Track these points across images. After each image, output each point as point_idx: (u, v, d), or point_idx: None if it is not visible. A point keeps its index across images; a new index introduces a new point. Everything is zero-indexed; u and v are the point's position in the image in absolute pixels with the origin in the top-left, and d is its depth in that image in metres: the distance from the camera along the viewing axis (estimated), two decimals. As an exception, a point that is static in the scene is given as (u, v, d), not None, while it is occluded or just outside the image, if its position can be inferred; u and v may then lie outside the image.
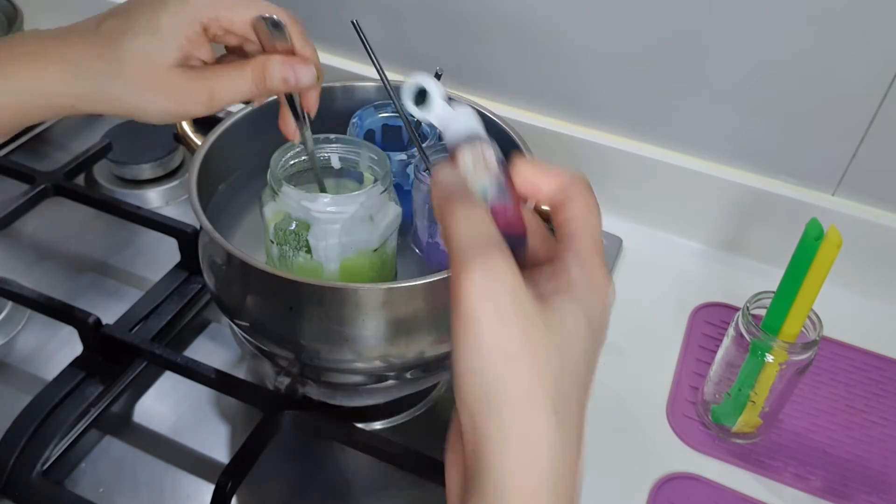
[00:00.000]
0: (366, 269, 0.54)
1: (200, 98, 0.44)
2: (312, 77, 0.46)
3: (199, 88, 0.44)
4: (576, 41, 0.75)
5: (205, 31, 0.44)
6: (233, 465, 0.54)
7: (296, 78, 0.46)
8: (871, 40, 0.65)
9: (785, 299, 0.56)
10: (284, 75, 0.45)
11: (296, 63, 0.46)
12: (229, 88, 0.45)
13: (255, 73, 0.45)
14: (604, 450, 0.63)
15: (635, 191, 0.81)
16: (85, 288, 0.73)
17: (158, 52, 0.43)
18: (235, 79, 0.45)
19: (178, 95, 0.44)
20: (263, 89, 0.46)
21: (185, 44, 0.44)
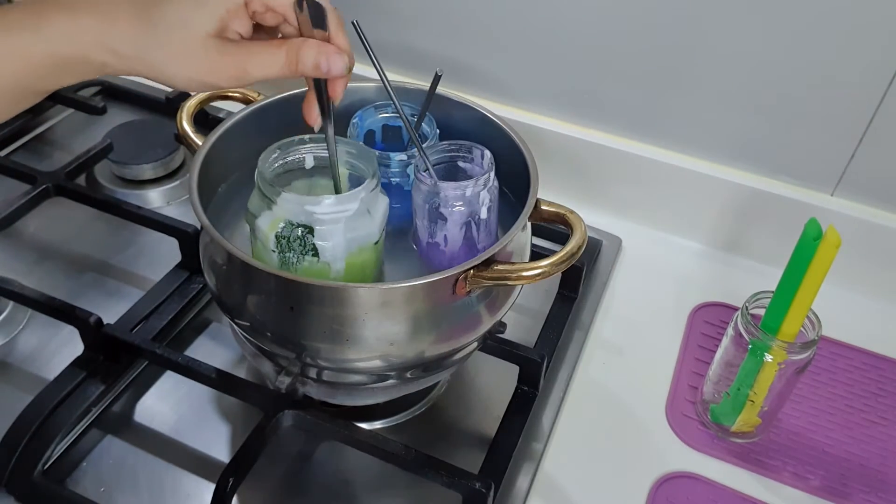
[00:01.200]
0: (369, 263, 0.55)
1: (232, 72, 0.45)
2: (344, 66, 0.47)
3: (232, 62, 0.45)
4: (576, 42, 0.75)
5: (246, 5, 0.45)
6: (233, 465, 0.54)
7: (328, 65, 0.46)
8: (869, 41, 0.65)
9: (784, 299, 0.56)
10: (317, 61, 0.46)
11: (330, 51, 0.46)
12: (262, 66, 0.45)
13: (289, 54, 0.45)
14: (603, 449, 0.63)
15: (635, 191, 0.82)
16: (86, 288, 0.73)
17: (198, 19, 0.43)
18: (269, 57, 0.45)
19: (210, 66, 0.44)
20: (295, 71, 0.46)
21: (225, 15, 0.44)
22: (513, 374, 0.65)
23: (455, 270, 0.50)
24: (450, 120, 0.63)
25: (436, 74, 0.58)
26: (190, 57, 0.44)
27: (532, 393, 0.64)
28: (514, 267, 0.51)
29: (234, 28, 0.45)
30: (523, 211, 0.54)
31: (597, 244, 0.79)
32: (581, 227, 0.53)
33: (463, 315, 0.53)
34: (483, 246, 0.57)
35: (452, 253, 0.57)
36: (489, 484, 0.55)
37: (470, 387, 0.67)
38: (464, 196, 0.54)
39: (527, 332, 0.70)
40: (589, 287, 0.76)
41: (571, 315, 0.72)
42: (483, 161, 0.58)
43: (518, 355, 0.64)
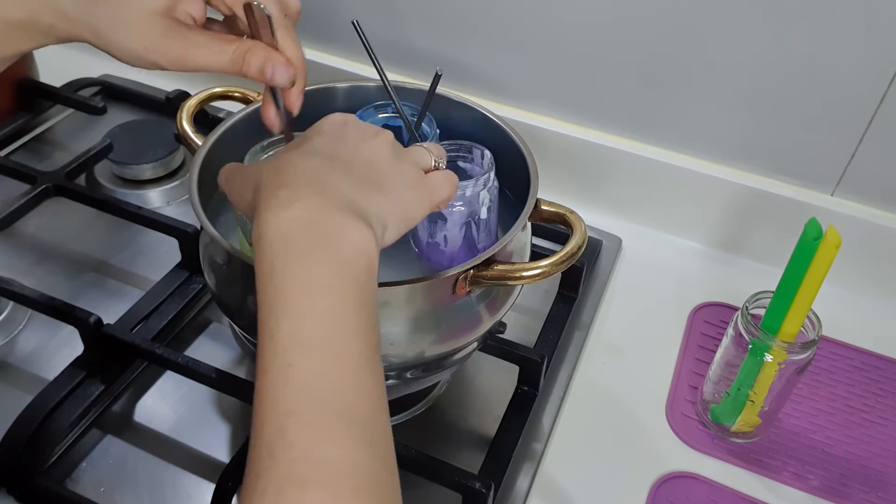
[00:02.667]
0: None
1: (175, 53, 0.44)
2: (288, 79, 0.46)
3: (176, 44, 0.44)
4: (576, 42, 0.75)
5: None
6: (234, 465, 0.55)
7: (272, 73, 0.45)
8: (870, 41, 0.65)
9: (784, 299, 0.56)
10: (263, 66, 0.45)
11: (278, 60, 0.45)
12: (206, 57, 0.44)
13: (237, 52, 0.45)
14: (603, 449, 0.63)
15: (635, 191, 0.82)
16: (86, 288, 0.73)
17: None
18: (216, 49, 0.44)
19: (154, 42, 0.44)
20: (239, 70, 0.45)
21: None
22: (513, 374, 0.65)
23: (455, 270, 0.50)
24: (450, 120, 0.63)
25: (436, 74, 0.58)
26: (135, 30, 0.43)
27: (532, 393, 0.64)
28: (514, 267, 0.51)
29: (184, 8, 0.45)
30: (523, 211, 0.54)
31: (597, 244, 0.79)
32: (581, 227, 0.53)
33: (463, 315, 0.53)
34: (483, 246, 0.57)
35: (452, 253, 0.57)
36: (489, 484, 0.55)
37: (470, 387, 0.67)
38: (464, 196, 0.54)
39: (527, 332, 0.70)
40: (589, 287, 0.76)
41: (571, 315, 0.72)
42: (483, 161, 0.58)
43: (518, 355, 0.64)
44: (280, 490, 0.32)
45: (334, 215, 0.38)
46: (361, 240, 0.39)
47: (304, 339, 0.36)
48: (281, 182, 0.39)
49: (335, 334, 0.36)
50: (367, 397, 0.36)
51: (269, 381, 0.35)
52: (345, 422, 0.34)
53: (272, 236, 0.38)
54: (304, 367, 0.35)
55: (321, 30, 0.87)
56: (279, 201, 0.38)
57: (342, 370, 0.36)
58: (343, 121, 0.46)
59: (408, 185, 0.43)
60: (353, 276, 0.38)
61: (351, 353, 0.36)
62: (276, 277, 0.37)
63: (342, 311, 0.37)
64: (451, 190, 0.46)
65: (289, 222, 0.38)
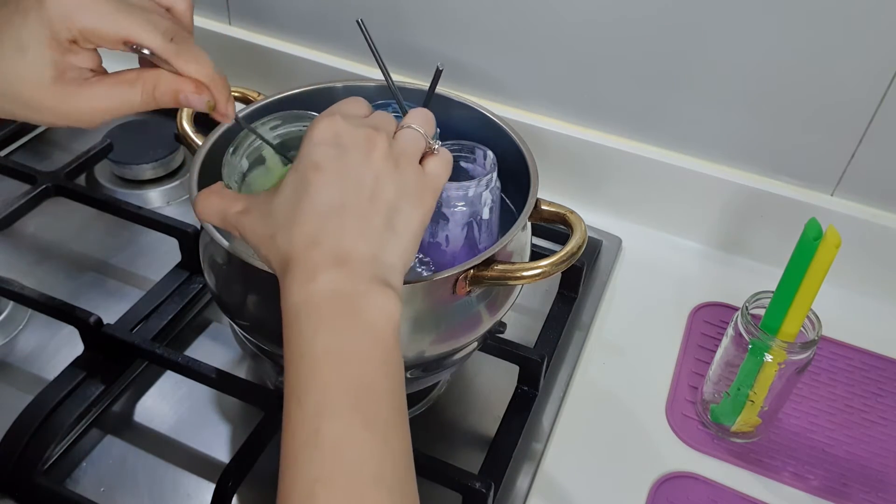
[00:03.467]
0: None
1: (85, 116, 0.42)
2: (204, 104, 0.44)
3: (82, 107, 0.42)
4: (576, 42, 0.75)
5: (75, 42, 0.41)
6: (234, 465, 0.55)
7: (187, 102, 0.43)
8: (870, 41, 0.65)
9: (784, 299, 0.56)
10: (176, 96, 0.43)
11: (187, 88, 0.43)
12: (117, 104, 0.43)
13: (144, 89, 0.42)
14: (603, 449, 0.63)
15: (635, 191, 0.82)
16: (86, 288, 0.73)
17: (30, 72, 0.41)
18: (123, 94, 0.42)
19: (60, 112, 0.42)
20: (155, 105, 0.43)
21: (56, 57, 0.41)
22: (513, 374, 0.65)
23: (455, 270, 0.50)
24: (450, 120, 0.63)
25: (437, 69, 0.57)
26: (40, 108, 0.42)
27: (532, 393, 0.64)
28: (514, 267, 0.51)
29: (77, 65, 0.42)
30: (523, 211, 0.54)
31: (597, 244, 0.79)
32: (581, 227, 0.53)
33: (463, 315, 0.53)
34: (484, 246, 0.57)
35: (454, 253, 0.57)
36: (489, 484, 0.55)
37: (470, 387, 0.67)
38: (466, 196, 0.54)
39: (527, 332, 0.70)
40: (589, 287, 0.76)
41: (571, 315, 0.72)
42: (485, 161, 0.58)
43: (518, 355, 0.64)
44: None
45: (359, 285, 0.39)
46: (386, 305, 0.39)
47: (333, 406, 0.36)
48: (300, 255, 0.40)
49: (363, 400, 0.37)
50: (396, 462, 0.36)
51: (296, 447, 0.36)
52: (374, 487, 0.35)
53: (299, 307, 0.39)
54: (332, 433, 0.35)
55: (320, 29, 0.87)
56: (304, 276, 0.39)
57: (370, 435, 0.36)
58: (334, 138, 0.43)
59: (414, 197, 0.43)
60: (380, 341, 0.39)
61: (378, 417, 0.37)
62: (304, 346, 0.38)
63: (370, 377, 0.38)
64: (448, 172, 0.46)
65: (314, 295, 0.39)
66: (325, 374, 0.37)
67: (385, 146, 0.43)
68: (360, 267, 0.40)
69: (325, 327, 0.38)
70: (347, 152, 0.42)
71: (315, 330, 0.38)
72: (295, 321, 0.39)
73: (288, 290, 0.39)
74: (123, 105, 0.43)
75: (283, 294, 0.40)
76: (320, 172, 0.42)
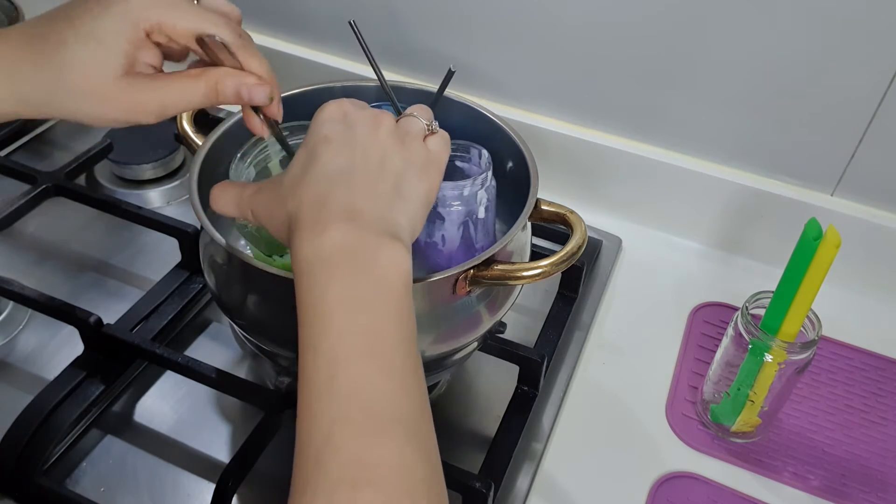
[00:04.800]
0: None
1: (150, 108, 0.43)
2: (266, 96, 0.45)
3: (148, 99, 0.43)
4: (576, 42, 0.75)
5: (148, 36, 0.43)
6: (234, 465, 0.55)
7: (249, 95, 0.45)
8: (870, 40, 0.65)
9: (784, 299, 0.56)
10: (238, 90, 0.45)
11: (250, 81, 0.45)
12: (180, 100, 0.44)
13: (208, 84, 0.44)
14: (603, 449, 0.63)
15: (635, 191, 0.82)
16: (86, 288, 0.73)
17: (103, 61, 0.42)
18: (187, 89, 0.44)
19: (126, 106, 0.43)
20: (216, 101, 0.45)
21: (129, 50, 0.42)
22: (513, 374, 0.65)
23: (455, 270, 0.50)
24: (449, 119, 0.63)
25: (449, 71, 0.57)
26: (103, 100, 0.43)
27: (532, 393, 0.64)
28: (514, 267, 0.51)
29: (144, 60, 0.44)
30: (523, 211, 0.54)
31: (597, 244, 0.79)
32: (581, 227, 0.53)
33: (463, 315, 0.53)
34: (481, 246, 0.57)
35: (450, 252, 0.57)
36: (489, 484, 0.55)
37: (470, 387, 0.67)
38: (461, 196, 0.54)
39: (527, 332, 0.70)
40: (589, 287, 0.76)
41: (571, 315, 0.72)
42: (481, 161, 0.58)
43: (518, 355, 0.64)
44: (330, 494, 0.32)
45: (368, 239, 0.40)
46: (396, 256, 0.40)
47: (347, 352, 0.37)
48: (309, 214, 0.41)
49: (377, 347, 0.37)
50: (413, 402, 0.37)
51: (313, 394, 0.36)
52: (392, 425, 0.35)
53: (310, 260, 0.39)
54: (348, 378, 0.36)
55: (320, 30, 0.87)
56: (315, 230, 0.40)
57: (386, 377, 0.36)
58: (342, 116, 0.45)
59: (419, 170, 0.45)
60: (392, 292, 0.39)
61: (394, 362, 0.37)
62: (316, 297, 0.38)
63: (383, 326, 0.38)
64: (447, 151, 0.48)
65: (327, 248, 0.39)
66: (340, 323, 0.37)
67: (391, 124, 0.46)
68: (370, 221, 0.40)
69: (338, 278, 0.38)
70: (355, 127, 0.44)
71: (327, 281, 0.38)
72: (307, 274, 0.39)
73: (298, 246, 0.40)
74: (185, 99, 0.44)
75: (294, 251, 0.40)
76: (329, 143, 0.43)
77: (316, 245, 0.39)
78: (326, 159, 0.43)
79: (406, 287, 0.40)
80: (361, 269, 0.39)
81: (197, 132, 0.60)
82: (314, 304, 0.38)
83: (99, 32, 0.42)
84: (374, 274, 0.39)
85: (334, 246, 0.39)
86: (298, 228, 0.40)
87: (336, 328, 0.37)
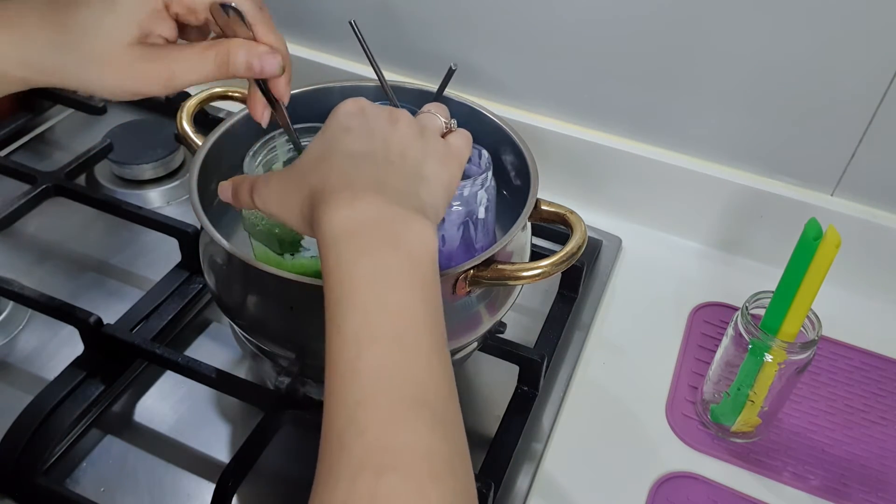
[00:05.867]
0: None
1: (159, 79, 0.43)
2: (278, 66, 0.45)
3: (158, 69, 0.43)
4: (576, 42, 0.75)
5: (166, 8, 0.43)
6: (234, 465, 0.55)
7: (261, 65, 0.44)
8: (870, 41, 0.65)
9: (784, 299, 0.56)
10: (249, 61, 0.44)
11: (262, 51, 0.45)
12: (191, 70, 0.44)
13: (218, 56, 0.44)
14: (603, 449, 0.63)
15: (635, 191, 0.82)
16: (86, 288, 0.73)
17: (116, 27, 0.42)
18: (197, 61, 0.43)
19: (135, 74, 0.43)
20: (226, 73, 0.44)
21: (144, 20, 0.42)
22: (513, 374, 0.65)
23: (455, 270, 0.50)
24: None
25: (450, 69, 0.57)
26: (113, 66, 0.42)
27: (532, 393, 0.64)
28: (514, 267, 0.51)
29: (157, 32, 0.43)
30: (523, 211, 0.54)
31: (597, 244, 0.79)
32: (581, 227, 0.53)
33: (463, 315, 0.53)
34: (481, 246, 0.57)
35: (450, 252, 0.57)
36: (489, 484, 0.55)
37: (470, 387, 0.67)
38: (461, 196, 0.54)
39: (527, 332, 0.70)
40: (589, 287, 0.76)
41: (571, 315, 0.72)
42: (480, 161, 0.58)
43: (518, 355, 0.64)
44: (354, 477, 0.32)
45: (398, 212, 0.39)
46: (424, 233, 0.39)
47: (373, 332, 0.36)
48: (336, 185, 0.40)
49: (404, 327, 0.36)
50: (438, 384, 0.36)
51: (338, 375, 0.35)
52: (417, 408, 0.34)
53: (338, 234, 0.38)
54: (373, 359, 0.35)
55: (320, 30, 0.87)
56: (341, 202, 0.39)
57: (412, 359, 0.36)
58: (359, 109, 0.45)
59: (440, 161, 0.44)
60: (419, 270, 0.38)
61: (420, 343, 0.36)
62: (343, 273, 0.37)
63: (410, 305, 0.37)
64: (470, 148, 0.48)
65: (354, 221, 0.38)
66: (365, 301, 0.37)
67: (409, 119, 0.46)
68: (398, 197, 0.40)
69: (365, 253, 0.38)
70: (374, 120, 0.45)
71: (355, 256, 0.38)
72: (333, 248, 0.38)
73: (325, 219, 0.39)
74: (195, 70, 0.44)
75: (320, 224, 0.39)
76: (349, 132, 0.43)
77: (344, 217, 0.39)
78: (347, 143, 0.43)
79: (433, 265, 0.39)
80: (391, 245, 0.38)
81: (197, 132, 0.60)
82: (341, 280, 0.37)
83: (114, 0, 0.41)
84: (402, 249, 0.38)
85: (364, 218, 0.38)
86: (325, 201, 0.39)
87: (362, 305, 0.36)
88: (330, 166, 0.41)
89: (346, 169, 0.41)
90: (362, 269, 0.37)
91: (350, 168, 0.41)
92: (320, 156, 0.43)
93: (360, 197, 0.39)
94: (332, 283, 0.38)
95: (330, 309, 0.37)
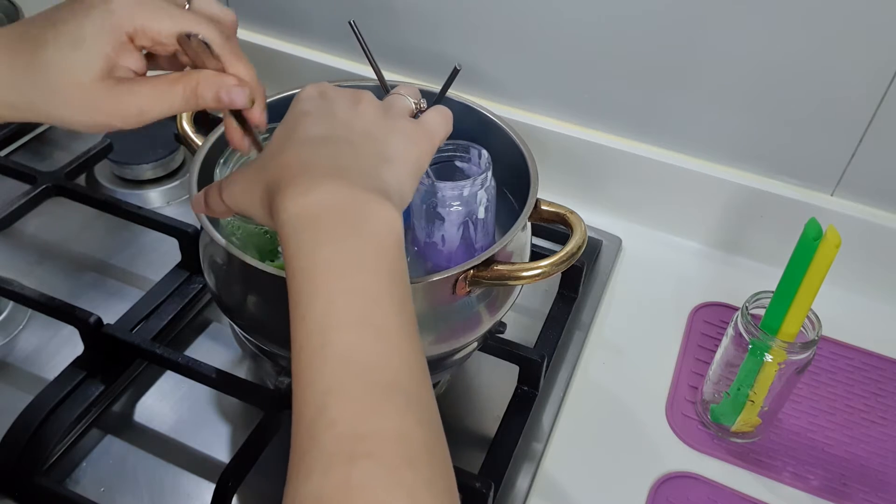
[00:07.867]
0: None
1: (128, 114, 0.43)
2: (246, 98, 0.44)
3: (126, 103, 0.42)
4: (576, 42, 0.75)
5: (131, 40, 0.43)
6: (233, 465, 0.55)
7: (229, 98, 0.44)
8: (870, 40, 0.65)
9: (784, 299, 0.56)
10: (217, 93, 0.43)
11: (229, 83, 0.44)
12: (159, 104, 0.43)
13: (186, 90, 0.43)
14: (603, 449, 0.63)
15: (635, 191, 0.82)
16: (86, 288, 0.73)
17: (82, 64, 0.41)
18: (165, 94, 0.43)
19: (105, 109, 0.42)
20: (195, 105, 0.44)
21: (110, 54, 0.42)
22: (513, 374, 0.65)
23: (455, 270, 0.50)
24: (449, 120, 0.63)
25: (454, 69, 0.57)
26: (82, 103, 0.42)
27: (532, 393, 0.64)
28: (514, 267, 0.51)
29: (124, 65, 0.43)
30: (523, 211, 0.54)
31: (597, 244, 0.79)
32: (581, 227, 0.53)
33: (463, 315, 0.53)
34: (481, 246, 0.57)
35: (450, 253, 0.57)
36: (489, 484, 0.55)
37: (470, 387, 0.67)
38: (461, 196, 0.54)
39: (527, 332, 0.70)
40: (589, 287, 0.76)
41: (571, 315, 0.72)
42: (480, 161, 0.58)
43: (518, 355, 0.64)
44: (325, 470, 0.31)
45: (359, 195, 0.38)
46: (387, 215, 0.38)
47: (339, 318, 0.35)
48: (295, 172, 0.39)
49: (372, 310, 0.36)
50: (410, 368, 0.35)
51: (304, 363, 0.34)
52: (389, 393, 0.33)
53: (297, 221, 0.37)
54: (341, 345, 0.34)
55: (319, 29, 0.87)
56: (297, 189, 0.38)
57: (381, 343, 0.35)
58: (319, 93, 0.45)
59: (407, 139, 0.43)
60: (384, 252, 0.37)
61: (389, 326, 0.36)
62: (304, 260, 0.37)
63: (377, 288, 0.36)
64: (448, 126, 0.46)
65: (314, 206, 0.38)
66: (329, 287, 0.36)
67: (373, 100, 0.45)
68: (357, 179, 0.39)
69: (326, 239, 0.37)
70: (335, 102, 0.44)
71: (315, 243, 0.37)
72: (293, 236, 0.37)
73: (282, 206, 0.38)
74: (163, 103, 0.43)
75: (278, 214, 0.38)
76: (308, 116, 0.43)
77: (301, 204, 0.38)
78: (306, 128, 0.42)
79: (399, 246, 0.38)
80: (352, 228, 0.37)
81: (197, 132, 0.60)
82: (302, 267, 0.36)
83: (79, 35, 0.41)
84: (364, 232, 0.37)
85: (322, 204, 0.38)
86: (281, 190, 0.39)
87: (326, 292, 0.35)
88: (288, 154, 0.41)
89: (304, 155, 0.40)
90: (324, 255, 0.36)
91: (308, 153, 0.41)
92: (280, 144, 0.42)
93: (319, 182, 0.38)
94: (294, 272, 0.37)
95: (293, 298, 0.36)
